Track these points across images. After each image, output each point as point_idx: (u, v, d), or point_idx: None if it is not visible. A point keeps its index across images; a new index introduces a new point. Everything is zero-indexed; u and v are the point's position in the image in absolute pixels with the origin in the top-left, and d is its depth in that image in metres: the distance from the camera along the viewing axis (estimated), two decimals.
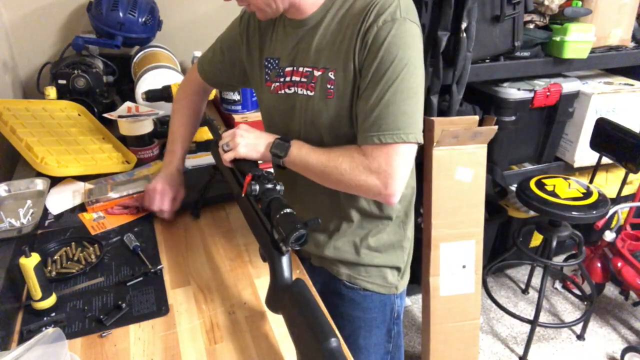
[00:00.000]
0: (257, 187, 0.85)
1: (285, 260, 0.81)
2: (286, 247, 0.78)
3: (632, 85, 2.23)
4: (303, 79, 0.93)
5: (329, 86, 0.89)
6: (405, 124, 0.83)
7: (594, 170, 2.17)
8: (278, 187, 0.86)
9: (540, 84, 2.06)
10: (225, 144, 0.94)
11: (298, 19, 0.93)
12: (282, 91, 0.97)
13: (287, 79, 0.96)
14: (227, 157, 0.93)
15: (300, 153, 0.90)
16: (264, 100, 1.03)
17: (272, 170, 0.88)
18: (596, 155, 2.11)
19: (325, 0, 0.91)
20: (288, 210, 0.78)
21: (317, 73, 0.91)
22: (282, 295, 0.79)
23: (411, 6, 0.86)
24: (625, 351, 2.06)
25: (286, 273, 0.81)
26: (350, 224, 1.04)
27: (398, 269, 1.10)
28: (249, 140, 0.92)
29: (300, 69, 0.94)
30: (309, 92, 0.92)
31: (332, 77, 0.89)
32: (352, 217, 1.03)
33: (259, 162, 0.95)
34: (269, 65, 0.99)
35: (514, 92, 2.02)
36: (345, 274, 1.08)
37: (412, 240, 1.13)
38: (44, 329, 0.83)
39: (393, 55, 0.82)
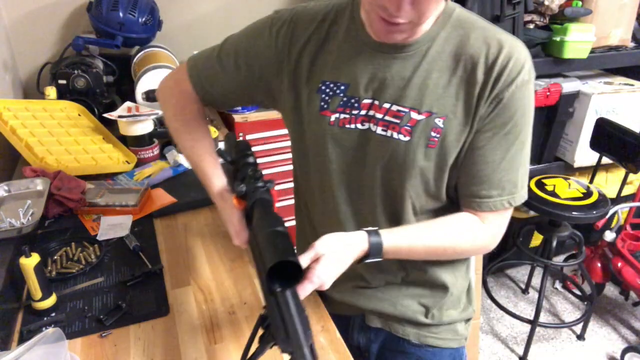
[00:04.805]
0: (245, 188, 0.74)
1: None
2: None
3: (632, 85, 2.23)
4: (391, 118, 0.77)
5: (433, 134, 0.75)
6: (523, 180, 0.80)
7: (594, 170, 2.17)
8: (268, 185, 0.76)
9: (540, 84, 2.05)
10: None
11: (393, 44, 0.76)
12: (353, 125, 0.80)
13: (363, 112, 0.79)
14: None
15: (397, 247, 0.76)
16: (315, 131, 0.83)
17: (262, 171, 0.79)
18: (596, 155, 2.10)
19: (432, 25, 0.75)
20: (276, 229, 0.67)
21: (417, 116, 0.75)
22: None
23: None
24: (625, 351, 2.06)
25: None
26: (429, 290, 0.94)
27: (468, 319, 1.00)
28: (336, 273, 0.72)
29: (387, 105, 0.77)
30: (401, 137, 0.76)
31: (440, 124, 0.75)
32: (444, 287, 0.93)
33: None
34: (328, 91, 0.81)
35: None
36: (413, 333, 0.95)
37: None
38: (44, 329, 0.83)
39: (523, 115, 0.76)
